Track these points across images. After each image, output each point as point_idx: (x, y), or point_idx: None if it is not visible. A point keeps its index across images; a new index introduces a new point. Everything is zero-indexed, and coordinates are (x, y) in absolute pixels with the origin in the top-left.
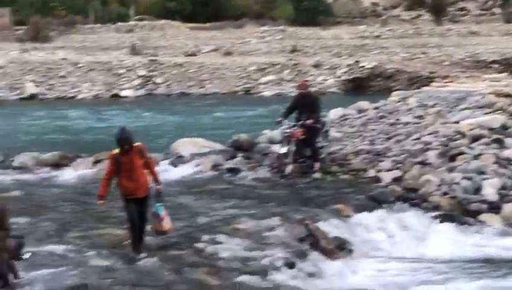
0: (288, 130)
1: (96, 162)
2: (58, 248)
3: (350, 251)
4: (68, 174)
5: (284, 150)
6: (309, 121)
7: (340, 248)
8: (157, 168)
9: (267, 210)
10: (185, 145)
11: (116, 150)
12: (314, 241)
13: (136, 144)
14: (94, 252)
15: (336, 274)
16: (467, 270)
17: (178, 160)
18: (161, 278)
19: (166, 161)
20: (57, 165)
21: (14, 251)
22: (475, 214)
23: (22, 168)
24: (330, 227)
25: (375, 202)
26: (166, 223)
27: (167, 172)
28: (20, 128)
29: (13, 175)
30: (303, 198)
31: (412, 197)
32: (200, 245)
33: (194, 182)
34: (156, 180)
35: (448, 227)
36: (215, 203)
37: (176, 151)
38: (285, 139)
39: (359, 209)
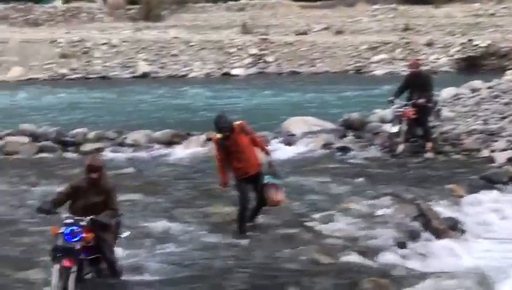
0: (400, 110)
1: (208, 140)
2: (170, 225)
3: (462, 232)
4: (180, 152)
5: (395, 129)
6: (421, 100)
7: (452, 229)
8: (262, 140)
9: (377, 189)
10: (295, 124)
11: (219, 135)
12: (426, 221)
13: (236, 123)
14: (205, 230)
15: (448, 255)
16: None
17: (289, 139)
18: (272, 256)
19: (277, 140)
20: (169, 143)
21: (114, 231)
22: None
23: (134, 146)
24: (442, 207)
25: (489, 183)
26: (279, 194)
27: (278, 151)
28: (133, 106)
29: (126, 152)
30: (414, 178)
31: None
32: (310, 224)
33: (304, 161)
34: (266, 153)
35: None
36: (326, 182)
37: (286, 130)
38: (397, 119)
39: (472, 189)
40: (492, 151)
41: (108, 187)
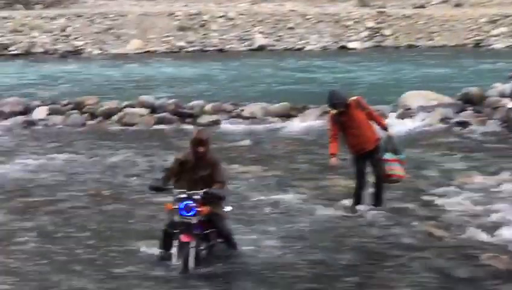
0: None
1: (324, 113)
2: (284, 197)
3: None
4: (296, 125)
5: None
6: None
7: None
8: (379, 115)
9: (497, 164)
10: (413, 98)
11: (334, 111)
12: None
13: (352, 98)
14: (320, 203)
15: None
16: None
17: (406, 113)
18: (389, 231)
19: (394, 114)
20: (285, 115)
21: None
22: None
23: (251, 118)
24: None
25: None
26: (398, 169)
27: (395, 125)
28: (249, 79)
29: (243, 125)
30: None
31: None
32: (427, 198)
33: (421, 135)
34: (384, 127)
35: None
36: (444, 156)
37: (404, 104)
38: None
39: None
40: None
41: (214, 160)
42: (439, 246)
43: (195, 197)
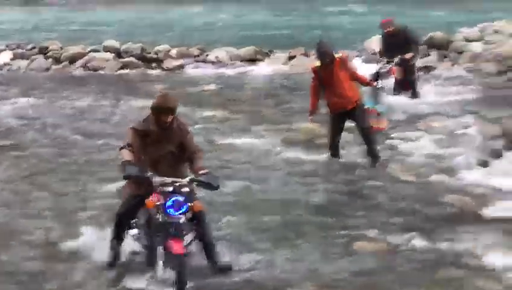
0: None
1: (291, 58)
2: (249, 141)
3: None
4: (262, 70)
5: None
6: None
7: None
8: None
9: (461, 108)
10: (376, 42)
11: (317, 63)
12: (510, 140)
13: (338, 55)
14: (286, 146)
15: None
16: None
17: (372, 57)
18: (356, 174)
19: (359, 58)
20: (251, 60)
21: None
22: None
23: (217, 63)
24: None
25: None
26: (380, 121)
27: (359, 69)
28: (215, 24)
29: (209, 69)
30: (500, 97)
31: None
32: (393, 142)
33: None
34: (368, 83)
35: None
36: (409, 100)
37: (369, 48)
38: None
39: None
40: None
41: (184, 129)
42: (404, 188)
43: (184, 189)
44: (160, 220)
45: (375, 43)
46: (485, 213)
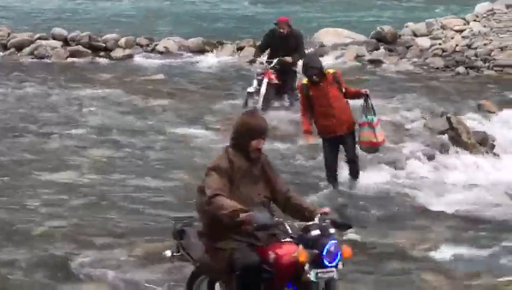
0: None
1: (239, 49)
2: (197, 132)
3: (492, 147)
4: (210, 60)
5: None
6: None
7: (481, 143)
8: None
9: (408, 102)
10: (327, 35)
11: (304, 80)
12: (456, 134)
13: (330, 70)
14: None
15: (476, 168)
16: None
17: (320, 50)
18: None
19: (308, 51)
20: (200, 50)
21: None
22: None
23: (166, 53)
24: (472, 122)
25: None
26: (380, 133)
27: None
28: (164, 14)
29: (157, 59)
30: (446, 92)
31: None
32: None
33: None
34: (361, 94)
35: None
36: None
37: (318, 40)
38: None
39: (503, 105)
40: None
41: (270, 163)
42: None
43: (331, 230)
44: (312, 279)
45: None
46: (433, 206)
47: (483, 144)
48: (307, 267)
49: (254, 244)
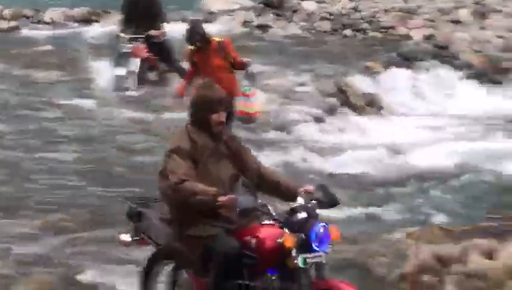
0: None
1: None
2: (82, 102)
3: (379, 108)
4: (97, 30)
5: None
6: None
7: (369, 104)
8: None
9: (296, 66)
10: (215, 2)
11: (190, 47)
12: (344, 97)
13: (217, 38)
14: (122, 107)
15: (365, 129)
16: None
17: (208, 17)
18: None
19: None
20: (86, 20)
21: None
22: (506, 71)
23: (52, 23)
24: (360, 83)
25: (405, 59)
26: (254, 105)
27: None
28: None
29: (44, 30)
30: (333, 55)
31: (443, 54)
32: None
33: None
34: (241, 62)
35: (477, 85)
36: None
37: (205, 8)
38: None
39: (389, 65)
40: (410, 28)
41: (239, 141)
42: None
43: (315, 209)
44: (300, 265)
45: (210, 2)
46: (323, 168)
47: (371, 105)
48: (293, 252)
49: (229, 229)
